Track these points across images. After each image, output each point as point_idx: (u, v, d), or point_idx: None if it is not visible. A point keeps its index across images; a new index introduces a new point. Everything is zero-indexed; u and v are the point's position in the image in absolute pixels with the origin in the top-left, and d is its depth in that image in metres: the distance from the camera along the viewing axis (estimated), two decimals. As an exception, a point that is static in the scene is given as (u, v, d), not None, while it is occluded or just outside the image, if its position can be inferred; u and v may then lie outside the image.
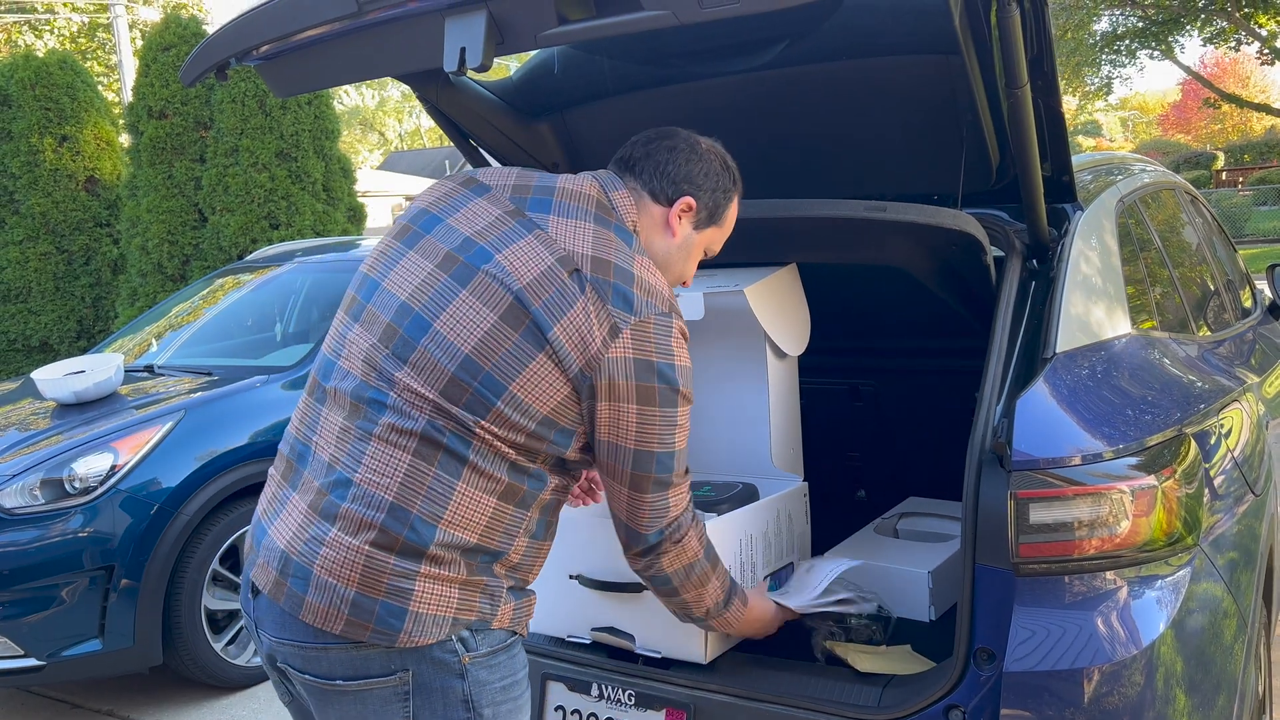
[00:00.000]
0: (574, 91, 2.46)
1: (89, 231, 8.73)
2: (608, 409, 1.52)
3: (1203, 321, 2.79)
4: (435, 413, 1.49)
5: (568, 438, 1.55)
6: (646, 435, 1.55)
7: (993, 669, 1.71)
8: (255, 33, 1.78)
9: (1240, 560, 2.02)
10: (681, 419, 1.58)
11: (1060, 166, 2.13)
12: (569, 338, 1.48)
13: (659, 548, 1.63)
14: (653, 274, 1.58)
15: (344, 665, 1.49)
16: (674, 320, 1.56)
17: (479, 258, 1.53)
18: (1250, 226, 22.01)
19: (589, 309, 1.49)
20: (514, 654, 1.59)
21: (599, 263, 1.53)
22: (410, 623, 1.46)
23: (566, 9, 1.54)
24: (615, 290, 1.51)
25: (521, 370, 1.48)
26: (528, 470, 1.53)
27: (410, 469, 1.48)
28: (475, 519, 1.49)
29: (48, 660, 3.42)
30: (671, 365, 1.54)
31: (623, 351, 1.50)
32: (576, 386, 1.50)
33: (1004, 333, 1.91)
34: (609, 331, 1.49)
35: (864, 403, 2.83)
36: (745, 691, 1.90)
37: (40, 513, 3.45)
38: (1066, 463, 1.72)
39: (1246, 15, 22.17)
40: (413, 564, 1.47)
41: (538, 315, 1.49)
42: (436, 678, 1.49)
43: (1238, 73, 39.84)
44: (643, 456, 1.56)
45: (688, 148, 1.71)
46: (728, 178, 1.74)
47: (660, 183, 1.68)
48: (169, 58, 7.95)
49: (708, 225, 1.73)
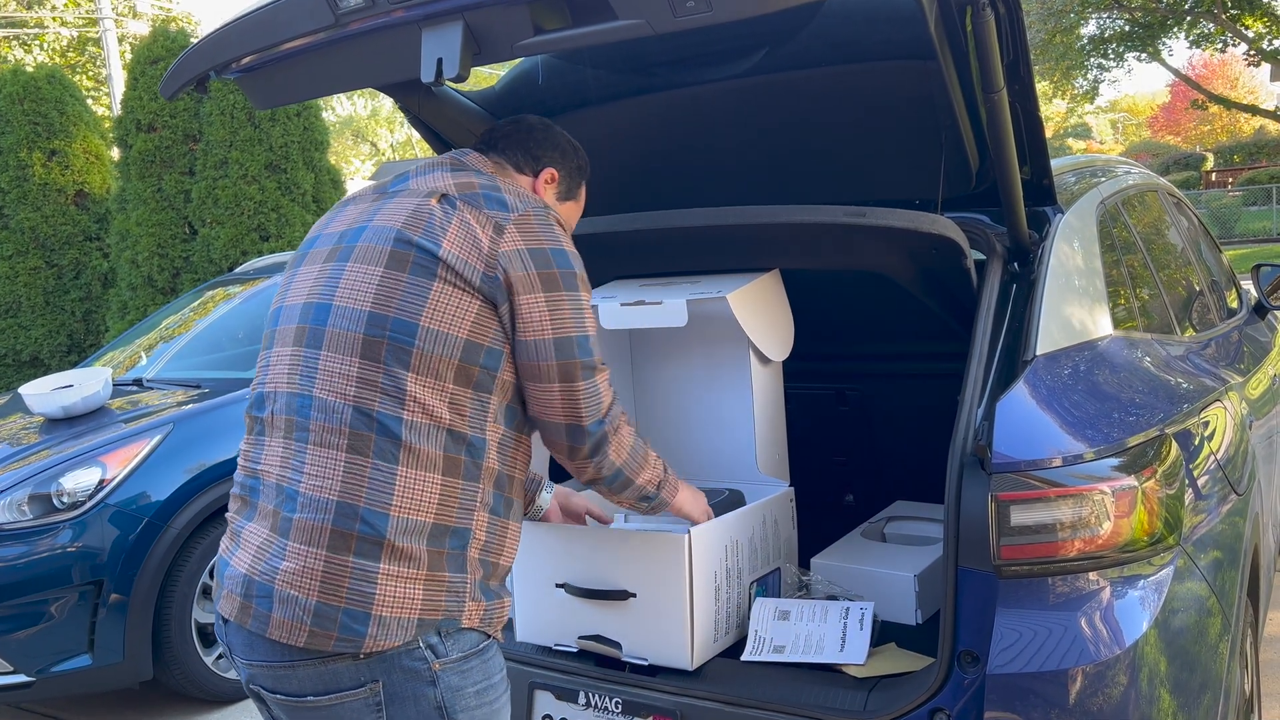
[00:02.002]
0: (557, 101, 2.47)
1: (79, 245, 8.73)
2: (525, 303, 1.54)
3: (1186, 322, 2.80)
4: (362, 394, 1.49)
5: (496, 358, 1.55)
6: (562, 321, 1.57)
7: (977, 671, 1.71)
8: (234, 45, 1.78)
9: (1224, 559, 2.02)
10: (586, 303, 1.61)
11: (1040, 170, 2.14)
12: (459, 249, 1.53)
13: (603, 441, 1.63)
14: (519, 188, 1.65)
15: (313, 681, 1.48)
16: (550, 212, 1.62)
17: (354, 236, 1.62)
18: (1240, 227, 22.12)
19: (467, 218, 1.55)
20: (488, 658, 1.57)
21: (463, 186, 1.61)
22: (374, 626, 1.45)
23: (542, 19, 1.55)
24: (485, 197, 1.59)
25: (424, 303, 1.51)
26: (463, 436, 1.52)
27: (348, 465, 1.48)
28: (425, 498, 1.49)
29: (37, 676, 3.41)
30: (562, 251, 1.59)
31: (513, 244, 1.55)
32: (487, 295, 1.53)
33: (985, 335, 1.92)
34: (494, 229, 1.55)
35: (849, 407, 2.84)
36: (732, 697, 1.90)
37: (28, 528, 3.44)
38: (1047, 464, 1.72)
39: (1233, 17, 22.30)
40: (371, 561, 1.46)
41: (421, 245, 1.54)
42: (407, 686, 1.48)
43: (1226, 74, 40.06)
44: (564, 343, 1.57)
45: (548, 127, 1.82)
46: (580, 160, 1.85)
47: (523, 156, 1.77)
48: (157, 71, 7.96)
49: (567, 199, 1.83)
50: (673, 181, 2.58)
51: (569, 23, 1.55)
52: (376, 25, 1.62)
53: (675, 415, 2.50)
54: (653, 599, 1.96)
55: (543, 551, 2.08)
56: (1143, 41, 25.01)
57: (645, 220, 2.18)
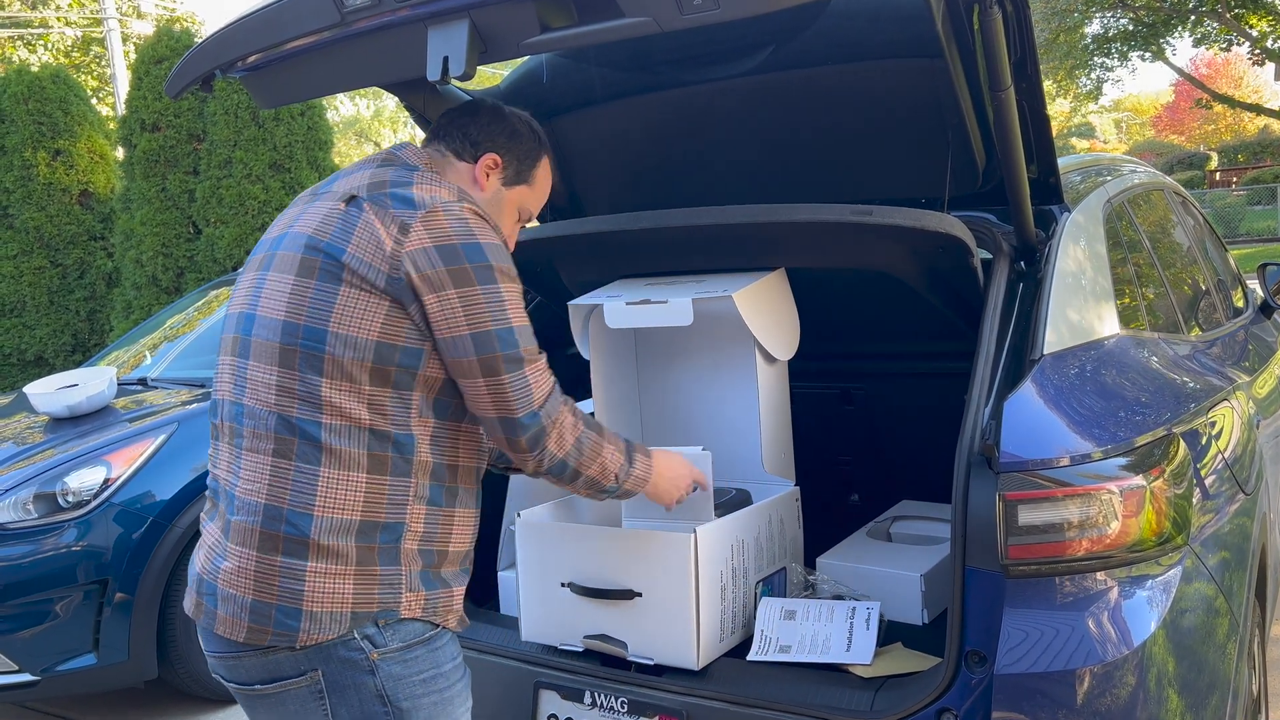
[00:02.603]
0: (562, 99, 2.47)
1: (83, 245, 8.73)
2: (433, 302, 1.52)
3: (1193, 321, 2.80)
4: (282, 401, 1.54)
5: (415, 356, 1.54)
6: (477, 316, 1.53)
7: (984, 671, 1.71)
8: (239, 44, 1.78)
9: (1231, 559, 2.02)
10: (507, 294, 1.56)
11: (1046, 168, 2.14)
12: (363, 252, 1.53)
13: (541, 432, 1.59)
14: (434, 183, 1.60)
15: (258, 670, 1.55)
16: (463, 205, 1.57)
17: (276, 244, 1.64)
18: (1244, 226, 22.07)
19: (372, 220, 1.54)
20: (436, 647, 1.59)
21: (374, 185, 1.60)
22: (306, 621, 1.50)
23: (549, 17, 1.55)
24: (393, 197, 1.56)
25: (332, 309, 1.52)
26: (387, 435, 1.54)
27: (274, 469, 1.53)
28: (349, 498, 1.52)
29: (42, 675, 3.41)
30: (475, 245, 1.54)
31: (418, 242, 1.52)
32: (394, 296, 1.52)
33: (992, 335, 1.91)
34: (399, 230, 1.52)
35: (855, 406, 2.83)
36: (738, 697, 1.90)
37: (33, 527, 3.44)
38: (1055, 464, 1.72)
39: (1237, 16, 22.26)
40: (300, 560, 1.51)
41: (328, 249, 1.55)
42: (346, 675, 1.53)
43: (1230, 73, 39.97)
44: (482, 338, 1.53)
45: (492, 110, 1.76)
46: (533, 140, 1.78)
47: (463, 142, 1.72)
48: (161, 71, 7.96)
49: (516, 183, 1.76)
50: (678, 180, 2.58)
51: (575, 20, 1.54)
52: (382, 23, 1.61)
53: (681, 414, 2.50)
54: (658, 598, 1.96)
55: (548, 551, 2.08)
56: (1146, 40, 24.96)
57: (650, 219, 2.17)
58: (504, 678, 2.14)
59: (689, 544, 1.93)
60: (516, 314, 1.57)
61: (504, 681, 2.14)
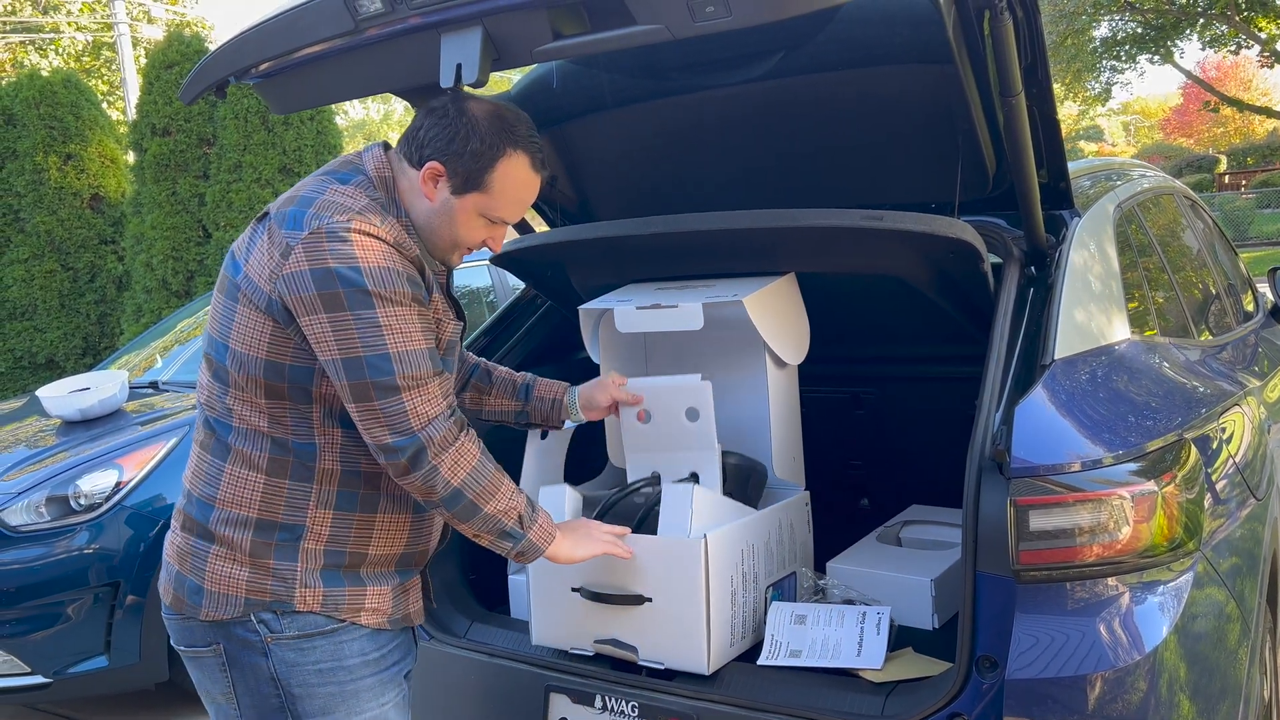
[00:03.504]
0: (573, 105, 2.48)
1: (94, 249, 8.77)
2: (307, 326, 1.54)
3: (1203, 326, 2.79)
4: (207, 403, 1.68)
5: (306, 375, 1.60)
6: (347, 342, 1.52)
7: (995, 677, 1.71)
8: (253, 51, 1.79)
9: (1243, 565, 2.01)
10: (386, 319, 1.52)
11: (1057, 173, 2.14)
12: (255, 272, 1.59)
13: (421, 454, 1.56)
14: (344, 196, 1.59)
15: (182, 634, 1.70)
16: (352, 226, 1.53)
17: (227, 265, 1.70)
18: (1253, 229, 21.97)
19: (266, 241, 1.59)
20: (341, 641, 1.65)
21: (286, 200, 1.62)
22: (206, 599, 1.63)
23: (561, 24, 1.56)
24: (288, 216, 1.58)
25: (231, 325, 1.61)
26: (286, 443, 1.62)
27: (198, 458, 1.70)
28: (247, 495, 1.63)
29: (54, 677, 3.43)
30: (353, 268, 1.51)
31: (295, 266, 1.53)
32: (275, 316, 1.57)
33: (1002, 340, 1.91)
34: (282, 253, 1.56)
35: (865, 411, 2.83)
36: (748, 702, 1.90)
37: (46, 530, 3.46)
38: (1066, 469, 1.72)
39: (1246, 19, 22.19)
40: (204, 543, 1.65)
41: (233, 268, 1.64)
42: (242, 654, 1.64)
43: (1239, 76, 39.84)
44: (351, 364, 1.52)
45: (443, 112, 1.65)
46: (496, 139, 1.63)
47: (411, 148, 1.67)
48: (172, 75, 7.99)
49: (467, 190, 1.65)
50: (688, 185, 2.58)
51: (588, 28, 1.55)
52: (396, 31, 1.62)
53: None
54: (669, 603, 1.96)
55: (559, 555, 2.08)
56: (1155, 44, 24.89)
57: (661, 224, 2.18)
58: (515, 682, 2.15)
59: (699, 549, 1.93)
60: (397, 339, 1.53)
61: (515, 685, 2.15)
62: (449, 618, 2.32)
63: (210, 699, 1.73)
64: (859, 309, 2.57)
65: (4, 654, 3.44)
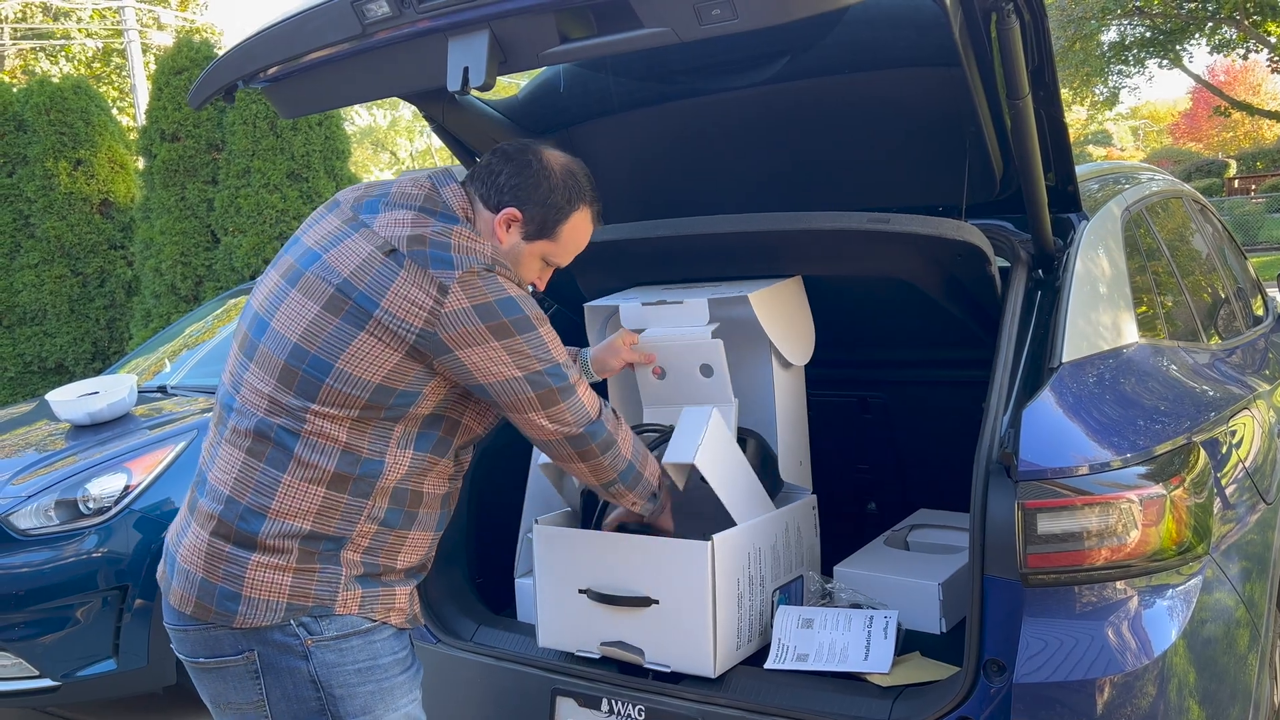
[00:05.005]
0: (580, 108, 2.48)
1: (103, 254, 8.80)
2: (476, 355, 1.62)
3: (1212, 329, 2.78)
4: (270, 409, 1.64)
5: (410, 399, 1.64)
6: (525, 360, 1.65)
7: (1003, 681, 1.70)
8: (261, 55, 1.80)
9: (1252, 569, 2.00)
10: (545, 336, 1.68)
11: (1064, 176, 2.13)
12: (399, 308, 1.60)
13: (607, 436, 1.76)
14: (471, 240, 1.66)
15: (203, 645, 1.66)
16: (496, 269, 1.65)
17: (308, 261, 1.69)
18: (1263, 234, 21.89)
19: (410, 279, 1.60)
20: (375, 640, 1.67)
21: (414, 239, 1.64)
22: (244, 606, 1.61)
23: (568, 27, 1.56)
24: (433, 256, 1.62)
25: (345, 348, 1.61)
26: (357, 458, 1.63)
27: (244, 465, 1.64)
28: (304, 507, 1.62)
29: (62, 681, 3.43)
30: (509, 299, 1.64)
31: (459, 303, 1.60)
32: (419, 349, 1.61)
33: (1010, 343, 1.91)
34: (438, 290, 1.60)
35: (873, 415, 2.83)
36: (755, 705, 1.90)
37: (55, 533, 3.47)
38: (1074, 472, 1.71)
39: (1255, 23, 22.12)
40: (245, 552, 1.62)
41: (360, 299, 1.61)
42: (280, 659, 1.63)
43: (1248, 80, 39.71)
44: (535, 378, 1.67)
45: (524, 162, 1.76)
46: (569, 194, 1.77)
47: (490, 190, 1.75)
48: (181, 81, 8.02)
49: (538, 238, 1.77)
50: (695, 188, 2.58)
51: (594, 31, 1.56)
52: (403, 35, 1.63)
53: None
54: (675, 606, 1.96)
55: (566, 557, 2.08)
56: (1164, 47, 24.83)
57: (667, 227, 2.18)
58: (521, 685, 2.15)
59: (706, 551, 1.93)
60: (557, 351, 1.70)
61: (521, 688, 2.15)
62: (456, 621, 2.32)
63: (232, 709, 1.69)
64: (866, 312, 2.56)
65: (12, 657, 3.45)
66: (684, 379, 2.22)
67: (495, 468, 2.47)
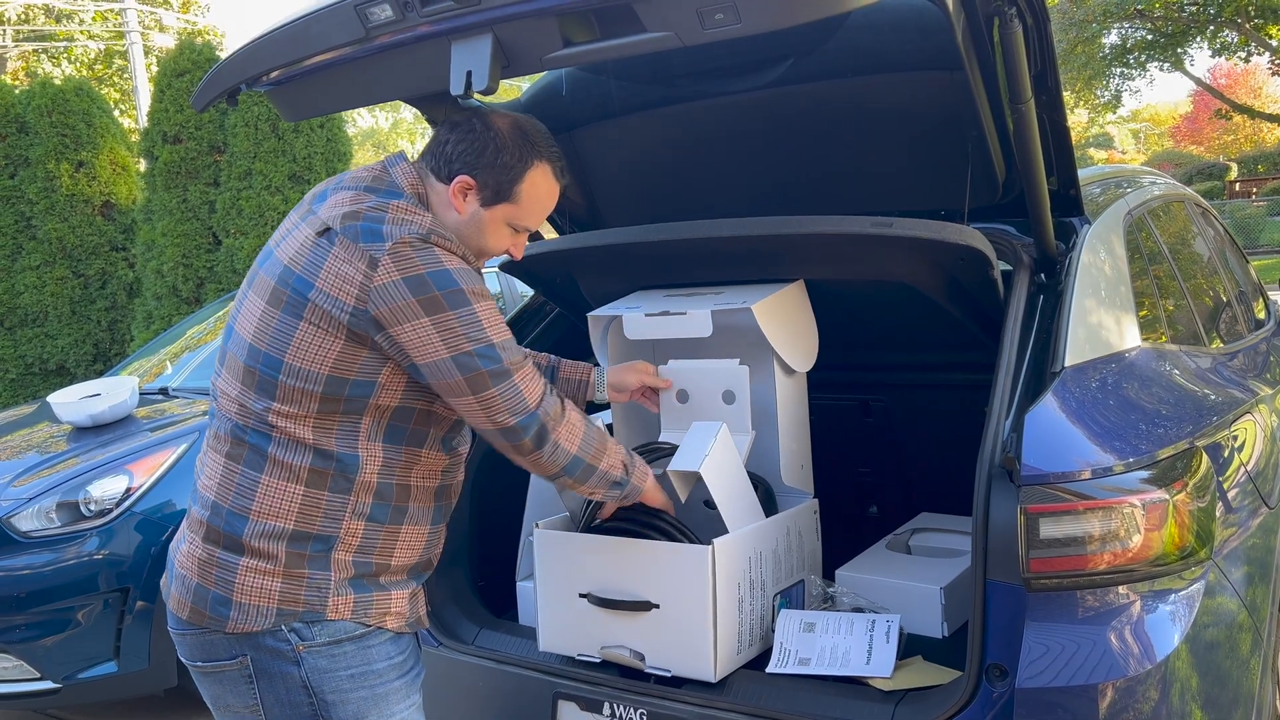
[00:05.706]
0: (582, 112, 2.48)
1: (105, 256, 8.81)
2: (406, 332, 1.57)
3: (1214, 333, 2.78)
4: (240, 413, 1.65)
5: (367, 388, 1.62)
6: (454, 339, 1.58)
7: (1005, 686, 1.70)
8: (265, 59, 1.80)
9: (1255, 574, 2.00)
10: (482, 313, 1.60)
11: (1067, 180, 2.13)
12: (331, 287, 1.58)
13: (543, 431, 1.66)
14: (408, 213, 1.62)
15: (199, 649, 1.68)
16: (432, 239, 1.60)
17: (263, 259, 1.70)
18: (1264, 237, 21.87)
19: (341, 255, 1.58)
20: (368, 645, 1.67)
21: (348, 215, 1.61)
22: (235, 611, 1.62)
23: (571, 31, 1.56)
24: (364, 229, 1.59)
25: (290, 341, 1.60)
26: (330, 454, 1.62)
27: (225, 469, 1.66)
28: (284, 507, 1.62)
29: (63, 683, 3.43)
30: (444, 271, 1.58)
31: (388, 276, 1.56)
32: (354, 331, 1.58)
33: (1012, 347, 1.91)
34: (368, 264, 1.56)
35: (874, 418, 2.83)
36: (756, 709, 1.90)
37: (56, 535, 3.48)
38: (1076, 477, 1.71)
39: (1256, 26, 22.13)
40: (234, 556, 1.63)
41: (297, 283, 1.60)
42: (272, 664, 1.63)
43: (1250, 84, 39.71)
44: (463, 359, 1.59)
45: (470, 127, 1.70)
46: (521, 152, 1.70)
47: (440, 162, 1.71)
48: (183, 83, 8.03)
49: (496, 202, 1.71)
50: (697, 192, 2.58)
51: (597, 35, 1.56)
52: (406, 38, 1.63)
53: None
54: (676, 610, 1.96)
55: (567, 562, 2.08)
56: (1165, 51, 24.83)
57: (669, 231, 2.18)
58: (523, 688, 2.15)
59: (706, 556, 1.93)
60: (494, 330, 1.62)
61: (523, 692, 2.15)
62: (457, 624, 2.32)
63: (231, 712, 1.70)
64: (868, 316, 2.56)
65: (13, 659, 3.45)
66: (706, 403, 2.24)
67: (497, 470, 2.46)
